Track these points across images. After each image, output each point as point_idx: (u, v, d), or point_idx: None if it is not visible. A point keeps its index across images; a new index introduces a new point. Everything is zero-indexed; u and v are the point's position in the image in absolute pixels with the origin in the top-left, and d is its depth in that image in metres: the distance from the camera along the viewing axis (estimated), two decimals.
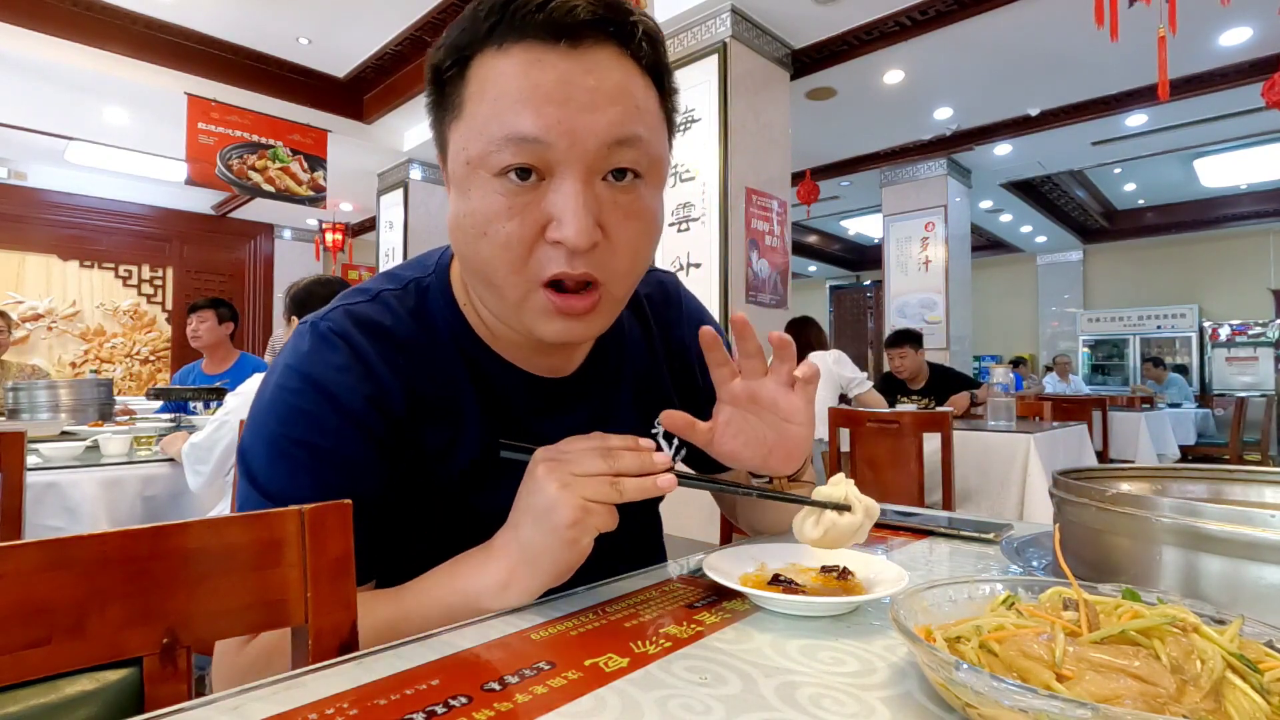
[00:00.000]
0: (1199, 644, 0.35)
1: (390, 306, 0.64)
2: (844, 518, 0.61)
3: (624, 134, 0.52)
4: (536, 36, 0.50)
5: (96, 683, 0.43)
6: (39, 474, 1.70)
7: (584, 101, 0.50)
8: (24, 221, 7.07)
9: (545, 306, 0.55)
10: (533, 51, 0.51)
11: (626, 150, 0.53)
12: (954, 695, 0.36)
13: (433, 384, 0.63)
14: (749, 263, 3.96)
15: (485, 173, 0.52)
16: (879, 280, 7.50)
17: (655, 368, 0.77)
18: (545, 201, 0.52)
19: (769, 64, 4.19)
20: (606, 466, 0.53)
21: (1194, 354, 9.41)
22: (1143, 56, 4.26)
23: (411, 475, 0.62)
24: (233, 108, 5.08)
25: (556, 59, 0.50)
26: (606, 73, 0.52)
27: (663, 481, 0.54)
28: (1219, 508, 0.50)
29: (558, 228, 0.51)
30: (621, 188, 0.54)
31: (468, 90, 0.53)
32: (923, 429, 2.48)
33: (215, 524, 0.48)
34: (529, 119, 0.50)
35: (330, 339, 0.60)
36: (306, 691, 0.40)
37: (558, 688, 0.40)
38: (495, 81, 0.51)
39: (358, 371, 0.59)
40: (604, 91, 0.51)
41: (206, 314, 3.24)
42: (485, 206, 0.53)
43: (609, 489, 0.53)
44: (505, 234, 0.52)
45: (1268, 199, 8.50)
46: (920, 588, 0.45)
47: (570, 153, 0.51)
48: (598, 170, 0.53)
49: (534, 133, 0.50)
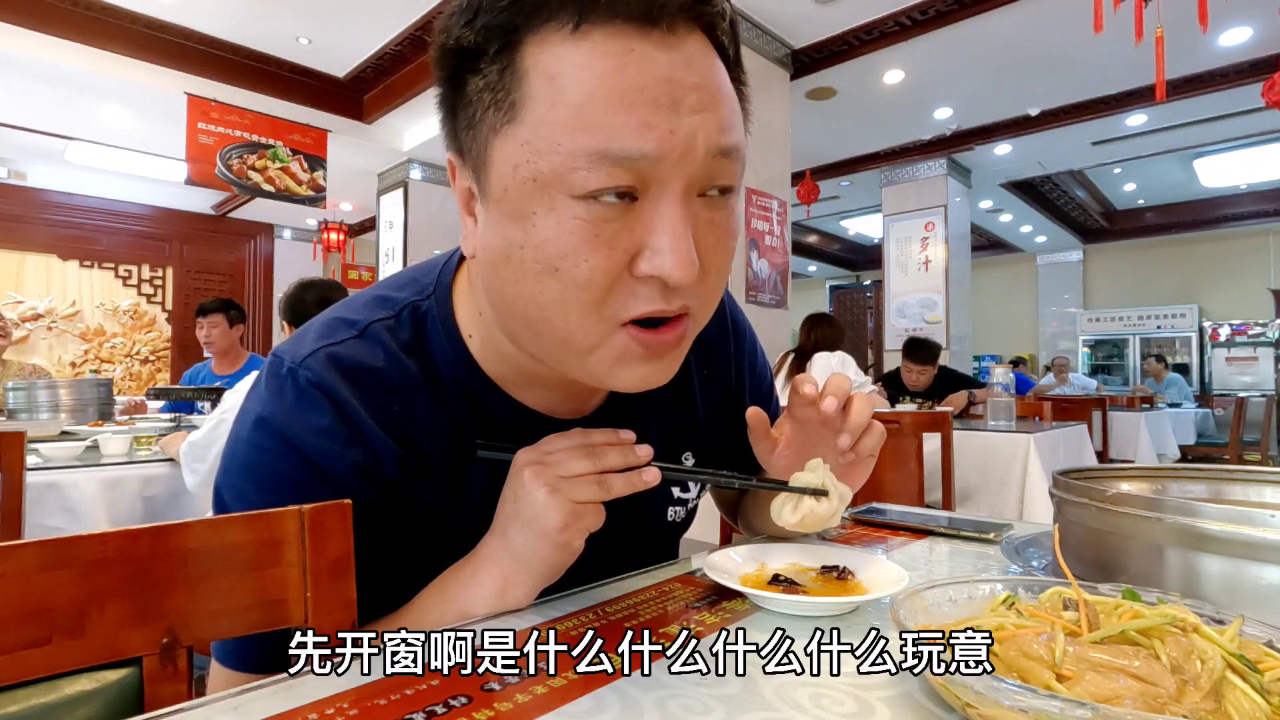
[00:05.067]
0: (1199, 644, 0.35)
1: (382, 343, 0.55)
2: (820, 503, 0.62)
3: (729, 143, 0.43)
4: (627, 18, 0.40)
5: (96, 683, 0.43)
6: (39, 474, 1.70)
7: (693, 103, 0.41)
8: (24, 221, 7.07)
9: (627, 350, 0.46)
10: (623, 39, 0.40)
11: (727, 163, 0.44)
12: (954, 695, 0.36)
13: (431, 434, 0.55)
14: (749, 263, 3.97)
15: (560, 195, 0.41)
16: (879, 280, 7.50)
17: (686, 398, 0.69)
18: (638, 226, 0.42)
19: (769, 64, 4.19)
20: (592, 465, 0.51)
21: (1194, 354, 9.41)
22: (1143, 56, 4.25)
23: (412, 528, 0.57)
24: (233, 108, 5.08)
25: (653, 50, 0.40)
26: (705, 68, 0.43)
27: (648, 475, 0.53)
28: (1219, 508, 0.50)
29: (653, 259, 0.42)
30: (716, 204, 0.45)
31: (529, 84, 0.41)
32: (923, 429, 2.48)
33: (215, 524, 0.48)
34: (633, 128, 0.40)
35: (312, 395, 0.52)
36: (306, 691, 0.40)
37: (558, 688, 0.40)
38: (577, 77, 0.40)
39: (344, 435, 0.52)
40: (708, 92, 0.42)
41: (217, 318, 3.21)
42: (561, 237, 0.42)
43: (596, 488, 0.51)
44: (588, 269, 0.42)
45: (1268, 199, 8.50)
46: (920, 588, 0.45)
47: (677, 166, 0.41)
48: (696, 187, 0.43)
49: (643, 147, 0.40)
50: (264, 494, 0.52)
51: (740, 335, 0.75)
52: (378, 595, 0.56)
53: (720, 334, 0.72)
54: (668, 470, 0.56)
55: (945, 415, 2.48)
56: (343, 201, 7.76)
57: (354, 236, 8.44)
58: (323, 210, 6.00)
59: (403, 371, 0.55)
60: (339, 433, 0.52)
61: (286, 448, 0.52)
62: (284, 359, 0.54)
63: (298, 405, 0.52)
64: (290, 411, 0.52)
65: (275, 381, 0.54)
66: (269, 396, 0.54)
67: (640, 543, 0.71)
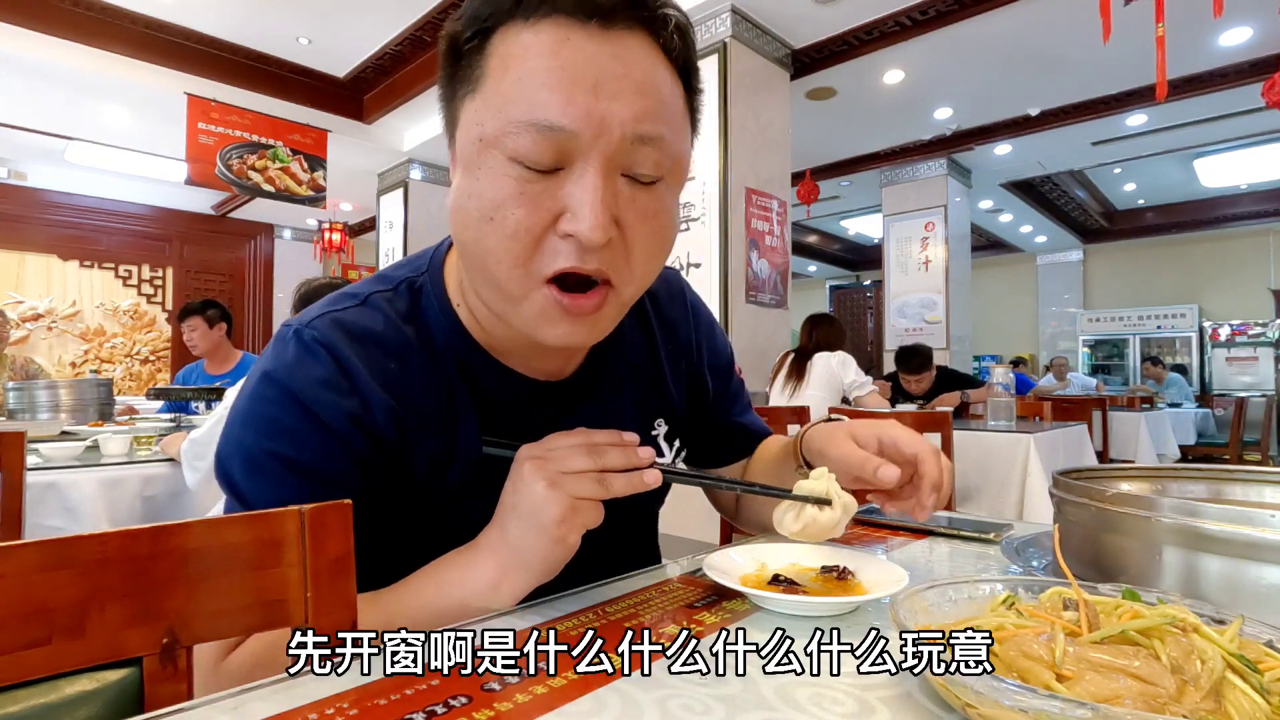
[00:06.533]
0: (1199, 644, 0.35)
1: (381, 310, 0.61)
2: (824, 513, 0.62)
3: (648, 130, 0.49)
4: (567, 12, 0.47)
5: (96, 683, 0.43)
6: (39, 474, 1.70)
7: (612, 88, 0.48)
8: (24, 221, 7.07)
9: (548, 306, 0.52)
10: (562, 29, 0.47)
11: (648, 150, 0.50)
12: (954, 695, 0.36)
13: (426, 392, 0.60)
14: (749, 263, 3.97)
15: (498, 154, 0.49)
16: (879, 280, 7.50)
17: (656, 369, 0.75)
18: (561, 191, 0.49)
19: (769, 64, 4.19)
20: (593, 463, 0.52)
21: (1194, 354, 9.40)
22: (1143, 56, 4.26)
23: (404, 485, 0.60)
24: (233, 108, 5.08)
25: (585, 39, 0.47)
26: (636, 61, 0.49)
27: (649, 477, 0.54)
28: (1219, 508, 0.50)
29: (572, 220, 0.48)
30: (641, 188, 0.51)
31: (488, 64, 0.49)
32: (923, 429, 2.48)
33: (215, 524, 0.48)
34: (556, 105, 0.47)
35: (314, 349, 0.56)
36: (306, 691, 0.40)
37: (558, 688, 0.40)
38: (521, 57, 0.48)
39: (342, 387, 0.56)
40: (632, 81, 0.48)
41: (195, 321, 3.19)
42: (494, 190, 0.49)
43: (596, 485, 0.52)
44: (514, 221, 0.49)
45: (1268, 199, 8.49)
46: (920, 588, 0.45)
47: (594, 143, 0.48)
48: (617, 164, 0.50)
49: (560, 121, 0.47)
50: (261, 440, 0.55)
51: (698, 315, 0.82)
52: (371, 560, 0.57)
53: (681, 314, 0.80)
54: (669, 473, 0.57)
55: (945, 415, 2.48)
56: (343, 201, 7.76)
57: (354, 236, 8.44)
58: (323, 210, 6.00)
59: (399, 335, 0.60)
60: (337, 384, 0.56)
61: (287, 397, 0.55)
62: (291, 325, 0.59)
63: (299, 359, 0.56)
64: (292, 365, 0.56)
65: (281, 342, 0.58)
66: (274, 354, 0.58)
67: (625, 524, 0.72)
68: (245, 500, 0.56)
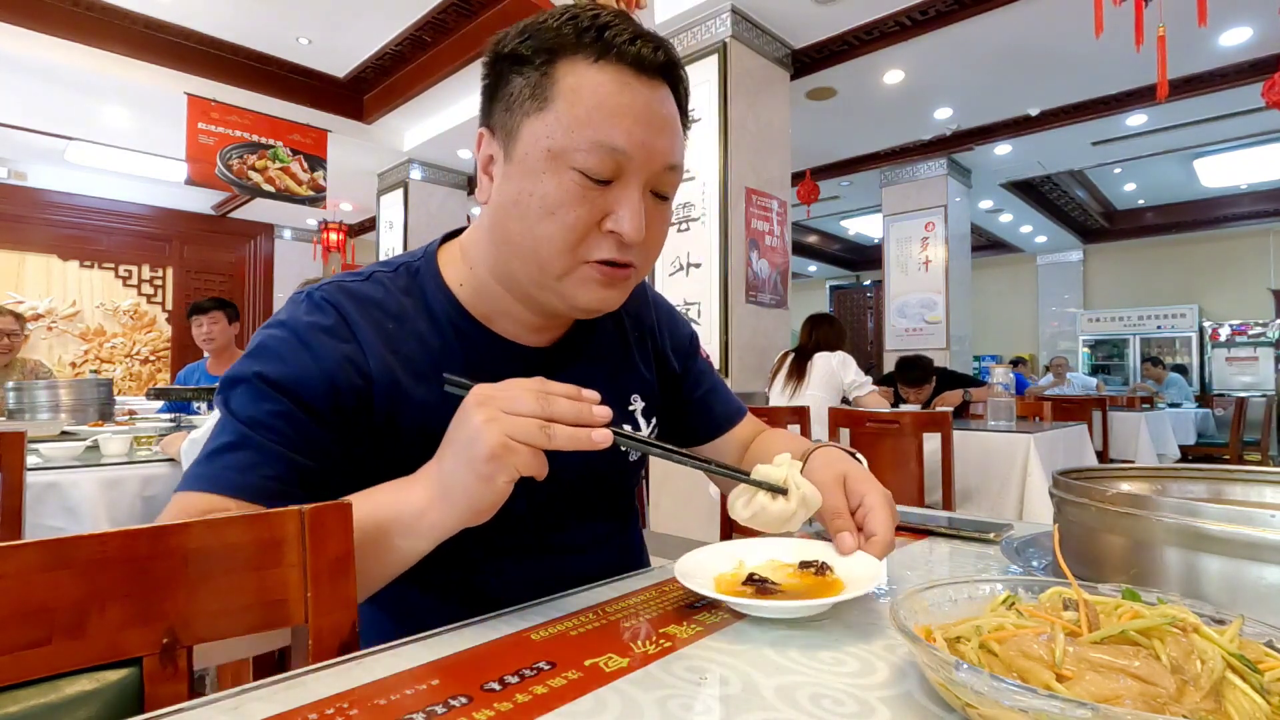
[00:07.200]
0: (1199, 644, 0.35)
1: (383, 284, 0.70)
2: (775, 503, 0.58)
3: (676, 160, 0.64)
4: (628, 64, 0.60)
5: (96, 683, 0.43)
6: (39, 474, 1.70)
7: (658, 127, 0.62)
8: (24, 221, 7.07)
9: (589, 277, 0.64)
10: (624, 75, 0.61)
11: (672, 175, 0.65)
12: (954, 695, 0.36)
13: (421, 348, 0.68)
14: (749, 263, 3.96)
15: (564, 164, 0.60)
16: (879, 280, 7.50)
17: (627, 351, 0.84)
18: (610, 198, 0.61)
19: (769, 64, 4.19)
20: (539, 408, 0.52)
21: (1194, 354, 9.40)
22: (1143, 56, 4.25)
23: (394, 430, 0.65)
24: (233, 108, 5.08)
25: (641, 87, 0.61)
26: (670, 109, 0.64)
27: (597, 435, 0.53)
28: (1219, 508, 0.50)
29: (617, 221, 0.61)
30: (658, 203, 0.66)
31: (558, 87, 0.60)
32: (923, 429, 2.48)
33: (215, 524, 0.48)
34: (620, 133, 0.60)
35: (323, 305, 0.66)
36: (306, 691, 0.40)
37: (558, 688, 0.40)
38: (592, 91, 0.60)
39: (342, 334, 0.65)
40: (669, 122, 0.63)
41: (218, 315, 3.25)
42: (558, 192, 0.60)
43: (538, 431, 0.51)
44: (573, 218, 0.61)
45: (1268, 199, 8.49)
46: (920, 588, 0.45)
47: (642, 167, 0.61)
48: (651, 184, 0.63)
49: (623, 145, 0.60)
50: (253, 364, 0.62)
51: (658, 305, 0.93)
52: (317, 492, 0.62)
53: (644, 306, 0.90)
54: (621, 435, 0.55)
55: (945, 415, 2.48)
56: (343, 201, 7.76)
57: (354, 236, 8.44)
58: (323, 210, 6.00)
59: (399, 303, 0.70)
60: (338, 332, 0.65)
61: (291, 336, 0.64)
62: (304, 290, 0.70)
63: (309, 311, 0.66)
64: (300, 315, 0.66)
65: (294, 302, 0.69)
66: (287, 310, 0.68)
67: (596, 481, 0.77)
68: (229, 413, 0.61)
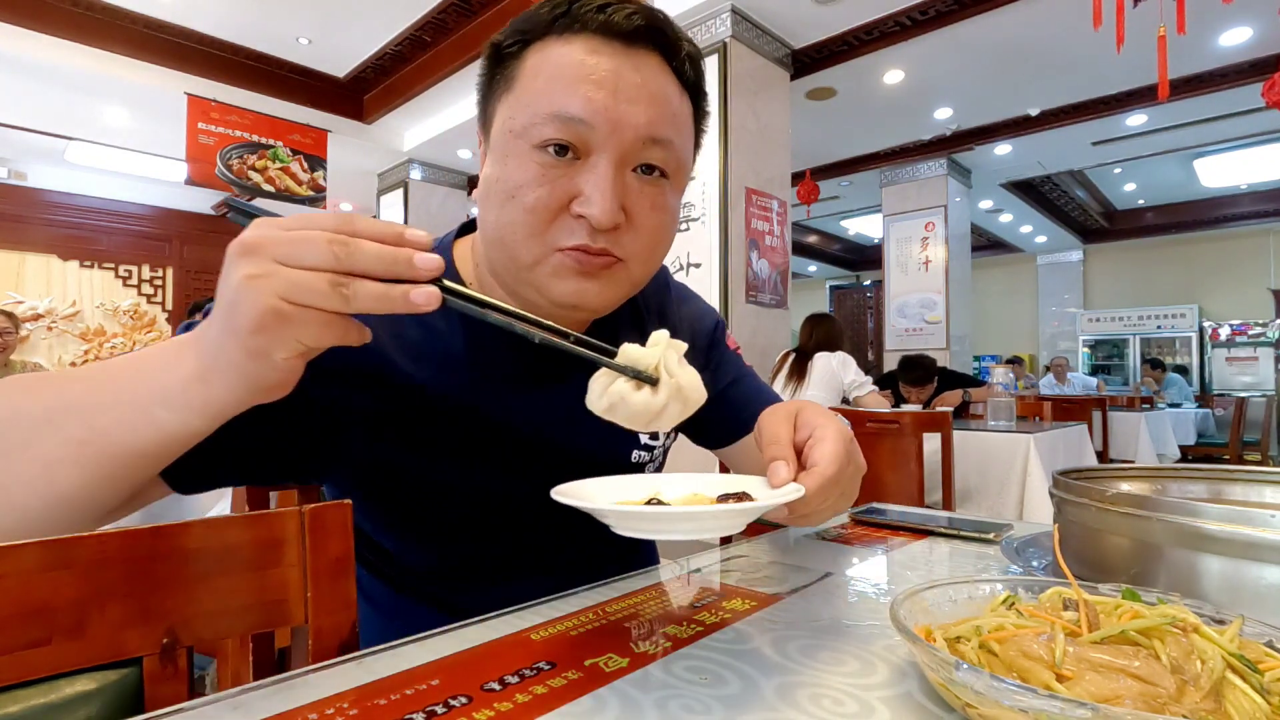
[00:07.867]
0: (1199, 644, 0.35)
1: None
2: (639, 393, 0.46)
3: (659, 134, 0.56)
4: (597, 31, 0.55)
5: (96, 683, 0.43)
6: None
7: (629, 94, 0.55)
8: (24, 221, 7.06)
9: (562, 265, 0.57)
10: (591, 43, 0.55)
11: (658, 149, 0.57)
12: (954, 695, 0.36)
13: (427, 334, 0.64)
14: (749, 263, 3.96)
15: (525, 144, 0.55)
16: (879, 280, 7.50)
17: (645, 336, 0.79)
18: (577, 178, 0.55)
19: (769, 64, 4.19)
20: (331, 259, 0.38)
21: (1194, 354, 9.40)
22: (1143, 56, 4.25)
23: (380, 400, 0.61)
24: (233, 108, 5.08)
25: (610, 53, 0.55)
26: (651, 76, 0.57)
27: (416, 295, 0.40)
28: (1219, 508, 0.50)
29: (584, 203, 0.54)
30: (650, 180, 0.58)
31: (523, 67, 0.57)
32: (922, 429, 2.48)
33: (215, 524, 0.48)
34: (578, 100, 0.54)
35: None
36: (306, 691, 0.40)
37: (558, 688, 0.40)
38: (553, 61, 0.55)
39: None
40: (647, 90, 0.56)
41: None
42: (518, 173, 0.55)
43: (329, 291, 0.38)
44: (533, 199, 0.55)
45: (1268, 199, 8.49)
46: (920, 588, 0.45)
47: (609, 138, 0.54)
48: (630, 160, 0.57)
49: (579, 113, 0.54)
50: None
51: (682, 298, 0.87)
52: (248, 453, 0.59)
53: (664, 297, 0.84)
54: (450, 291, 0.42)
55: (945, 415, 2.47)
56: (343, 201, 7.76)
57: None
58: (323, 210, 6.00)
59: None
60: None
61: None
62: None
63: None
64: None
65: None
66: None
67: None
68: None
